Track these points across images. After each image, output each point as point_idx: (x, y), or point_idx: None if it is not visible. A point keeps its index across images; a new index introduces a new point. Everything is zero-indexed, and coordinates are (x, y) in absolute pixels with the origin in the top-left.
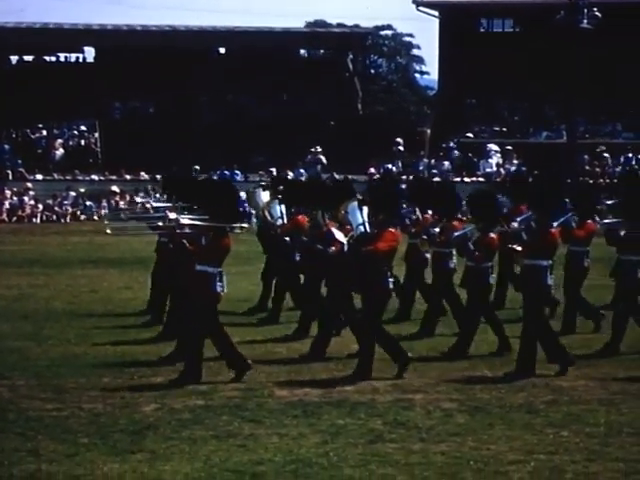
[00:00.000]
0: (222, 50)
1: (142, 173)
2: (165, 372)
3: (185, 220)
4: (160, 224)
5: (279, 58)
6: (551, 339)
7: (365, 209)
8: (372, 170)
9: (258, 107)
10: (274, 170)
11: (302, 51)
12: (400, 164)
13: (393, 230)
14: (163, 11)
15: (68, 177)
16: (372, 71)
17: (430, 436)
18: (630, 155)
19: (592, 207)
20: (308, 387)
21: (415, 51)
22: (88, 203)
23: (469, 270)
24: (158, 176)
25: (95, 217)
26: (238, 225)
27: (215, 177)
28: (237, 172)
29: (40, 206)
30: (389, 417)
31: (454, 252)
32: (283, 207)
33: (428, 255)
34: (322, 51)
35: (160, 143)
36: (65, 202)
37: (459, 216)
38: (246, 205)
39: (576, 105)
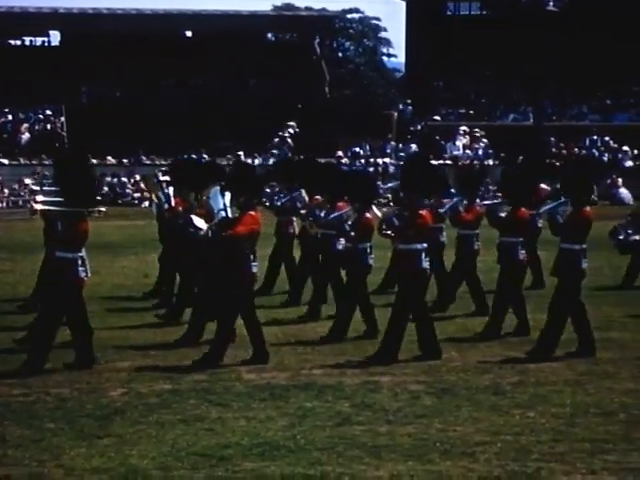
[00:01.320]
0: (189, 34)
1: (108, 157)
2: (132, 356)
3: (38, 205)
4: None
5: (246, 42)
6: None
7: (228, 194)
8: (340, 153)
9: (225, 91)
10: (241, 154)
11: (269, 35)
12: (368, 147)
13: (254, 213)
14: None
15: (34, 161)
16: (339, 54)
17: (397, 418)
18: (595, 137)
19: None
20: (276, 370)
21: (382, 34)
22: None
23: (347, 251)
24: (125, 160)
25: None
26: (96, 209)
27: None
28: (204, 156)
29: (6, 191)
30: (356, 399)
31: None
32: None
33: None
34: (289, 35)
35: (127, 127)
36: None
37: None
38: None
39: (543, 87)
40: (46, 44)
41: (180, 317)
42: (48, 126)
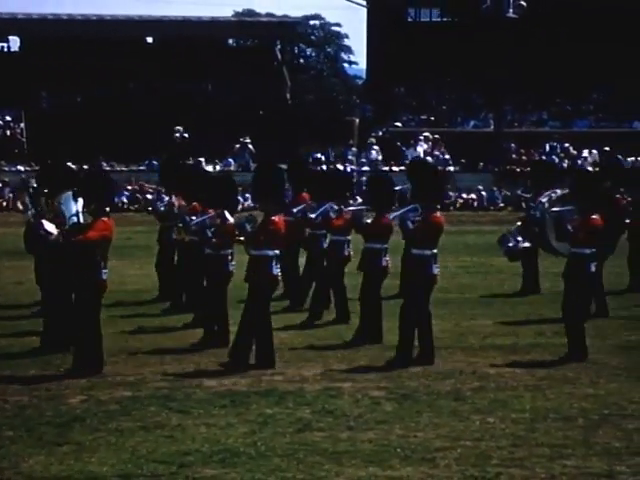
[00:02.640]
0: (150, 39)
1: (69, 164)
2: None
3: None
4: None
5: (207, 47)
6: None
7: (80, 200)
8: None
9: (185, 97)
10: (202, 160)
11: (230, 41)
12: (332, 153)
13: (106, 219)
14: (90, 0)
15: None
16: (301, 60)
17: (358, 424)
18: (555, 144)
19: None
20: (236, 377)
21: (344, 41)
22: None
23: (208, 258)
24: (85, 166)
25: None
26: None
27: (143, 167)
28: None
29: None
30: (317, 406)
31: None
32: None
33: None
34: (250, 40)
35: (87, 133)
36: None
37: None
38: None
39: (503, 94)
40: (5, 50)
41: None
42: (7, 132)
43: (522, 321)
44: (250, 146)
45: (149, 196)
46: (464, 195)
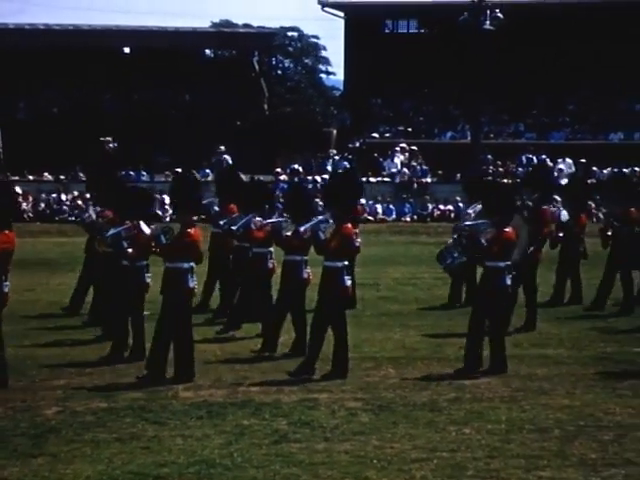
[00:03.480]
0: (127, 50)
1: (45, 174)
2: (68, 374)
3: None
4: None
5: (185, 58)
6: None
7: None
8: (279, 170)
9: (164, 107)
10: (180, 170)
11: (208, 51)
12: (313, 163)
13: (8, 232)
14: (67, 11)
15: None
16: (278, 72)
17: (334, 435)
18: (531, 155)
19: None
20: (213, 388)
21: (321, 52)
22: None
23: (124, 269)
24: (62, 176)
25: None
26: None
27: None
28: (143, 172)
29: None
30: (294, 417)
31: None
32: None
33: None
34: (228, 52)
35: (64, 144)
36: None
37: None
38: None
39: (480, 105)
40: None
41: None
42: None
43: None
44: (227, 156)
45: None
46: (441, 206)
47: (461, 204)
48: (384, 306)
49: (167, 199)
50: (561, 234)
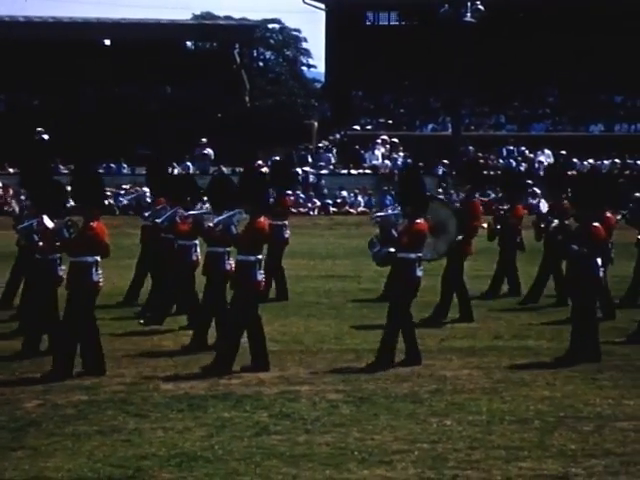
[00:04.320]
0: (107, 42)
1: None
2: (48, 367)
3: None
4: None
5: (166, 50)
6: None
7: None
8: (260, 162)
9: (145, 100)
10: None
11: (189, 44)
12: (295, 156)
13: None
14: (47, 2)
15: None
16: (260, 64)
17: (315, 427)
18: (512, 147)
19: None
20: (194, 380)
21: (302, 44)
22: None
23: (37, 262)
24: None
25: None
26: None
27: (102, 170)
28: (124, 165)
29: None
30: (275, 409)
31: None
32: None
33: None
34: (209, 44)
35: (46, 136)
36: None
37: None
38: None
39: (461, 97)
40: None
41: None
42: None
43: (479, 324)
44: (209, 149)
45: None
46: None
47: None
48: (365, 298)
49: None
50: (498, 226)
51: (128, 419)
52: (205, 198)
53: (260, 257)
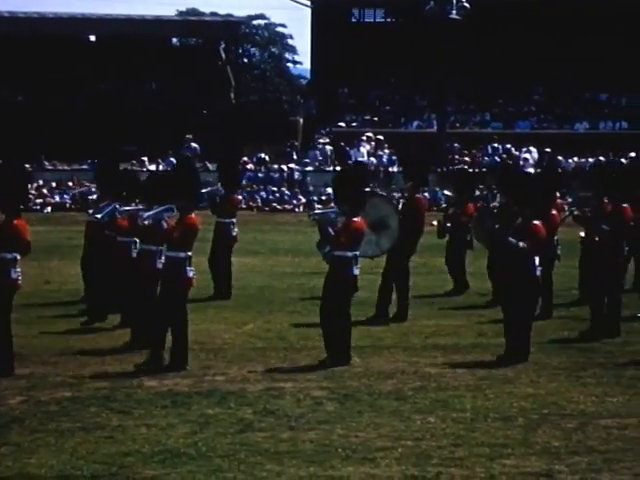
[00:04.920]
0: (92, 38)
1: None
2: (32, 364)
3: None
4: None
5: (151, 46)
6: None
7: None
8: (245, 159)
9: (129, 96)
10: (145, 159)
11: (174, 40)
12: (293, 152)
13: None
14: None
15: None
16: (245, 60)
17: (299, 424)
18: (496, 145)
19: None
20: (178, 377)
21: (288, 41)
22: None
23: None
24: (27, 165)
25: None
26: None
27: (86, 166)
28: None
29: None
30: (259, 406)
31: None
32: None
33: None
34: (194, 40)
35: (29, 132)
36: None
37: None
38: None
39: (446, 95)
40: None
41: None
42: None
43: (464, 321)
44: (194, 144)
45: None
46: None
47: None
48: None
49: None
50: (449, 224)
51: (111, 416)
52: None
53: (190, 254)
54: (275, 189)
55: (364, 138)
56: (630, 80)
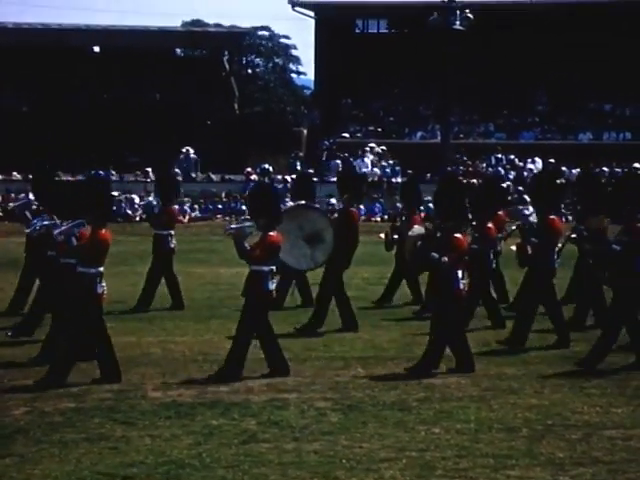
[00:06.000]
0: (97, 49)
1: (14, 173)
2: (36, 374)
3: None
4: None
5: (155, 58)
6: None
7: None
8: (249, 170)
9: (133, 107)
10: (149, 170)
11: (178, 51)
12: (299, 164)
13: None
14: (36, 9)
15: None
16: (249, 71)
17: (304, 435)
18: (500, 155)
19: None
20: (182, 388)
21: (292, 52)
22: None
23: None
24: (31, 176)
25: None
26: None
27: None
28: (112, 172)
29: None
30: (263, 417)
31: None
32: None
33: None
34: (198, 51)
35: (33, 142)
36: None
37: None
38: None
39: (450, 105)
40: None
41: None
42: None
43: (467, 331)
44: (194, 156)
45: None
46: None
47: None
48: (354, 306)
49: (136, 199)
50: (396, 236)
51: (115, 427)
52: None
53: (101, 269)
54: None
55: (368, 149)
56: (634, 91)
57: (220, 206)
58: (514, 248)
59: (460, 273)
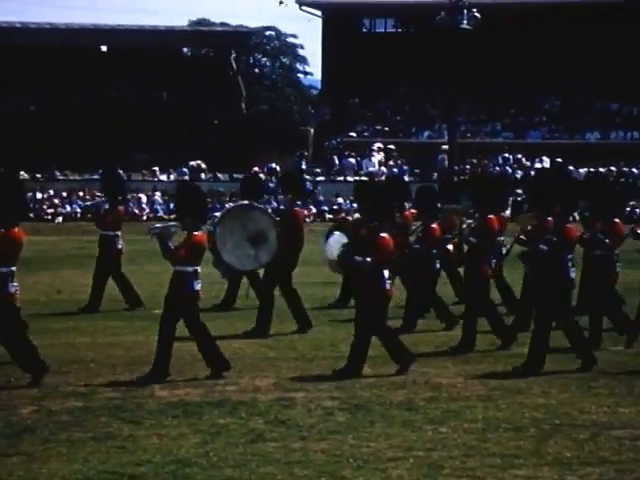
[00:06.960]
0: (104, 48)
1: (21, 172)
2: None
3: None
4: None
5: (162, 56)
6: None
7: None
8: (256, 169)
9: (141, 106)
10: (157, 169)
11: (185, 50)
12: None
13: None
14: (44, 9)
15: None
16: (256, 70)
17: (311, 434)
18: (507, 155)
19: None
20: (189, 387)
21: (299, 51)
22: None
23: None
24: (38, 175)
25: None
26: None
27: (97, 177)
28: (119, 171)
29: None
30: (270, 416)
31: None
32: None
33: None
34: (205, 50)
35: (40, 141)
36: None
37: None
38: None
39: (457, 105)
40: None
41: None
42: None
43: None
44: (197, 162)
45: None
46: None
47: None
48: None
49: (144, 198)
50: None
51: (123, 426)
52: None
53: (13, 269)
54: None
55: (375, 148)
56: None
57: (227, 205)
58: (450, 247)
59: (387, 273)
